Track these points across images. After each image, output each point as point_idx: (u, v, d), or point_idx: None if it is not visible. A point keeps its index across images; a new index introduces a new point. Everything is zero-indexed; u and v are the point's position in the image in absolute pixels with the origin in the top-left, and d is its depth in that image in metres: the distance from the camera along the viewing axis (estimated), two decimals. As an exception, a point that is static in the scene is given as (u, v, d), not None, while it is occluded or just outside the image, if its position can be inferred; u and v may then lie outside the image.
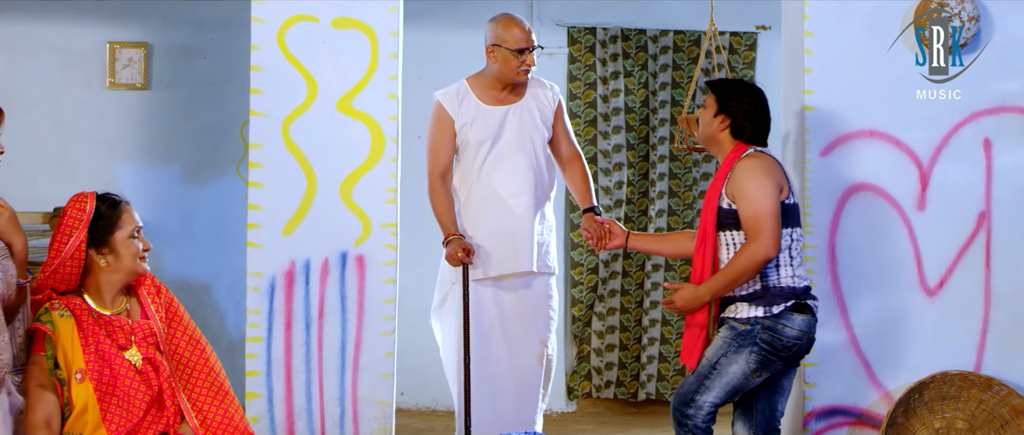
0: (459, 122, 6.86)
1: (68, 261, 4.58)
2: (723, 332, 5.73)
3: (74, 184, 8.79)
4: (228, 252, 9.11)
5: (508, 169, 6.78)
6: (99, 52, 9.47)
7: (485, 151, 6.82)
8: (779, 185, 5.67)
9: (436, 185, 6.93)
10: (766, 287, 5.69)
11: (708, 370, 5.69)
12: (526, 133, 6.81)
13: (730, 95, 5.84)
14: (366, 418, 6.99)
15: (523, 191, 6.79)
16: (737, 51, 9.76)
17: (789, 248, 5.72)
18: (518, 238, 6.79)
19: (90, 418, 4.52)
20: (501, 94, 6.88)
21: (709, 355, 5.71)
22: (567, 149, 7.02)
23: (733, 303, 5.74)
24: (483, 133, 6.80)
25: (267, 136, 6.96)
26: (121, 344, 4.63)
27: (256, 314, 6.95)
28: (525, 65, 6.75)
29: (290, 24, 6.96)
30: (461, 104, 6.88)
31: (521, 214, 6.78)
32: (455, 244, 6.73)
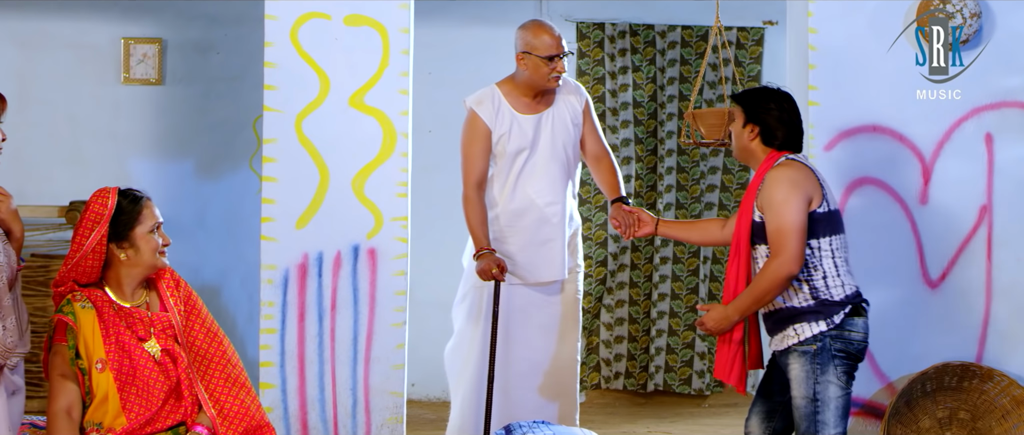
0: (496, 133, 6.74)
1: (90, 255, 4.67)
2: (797, 362, 5.50)
3: (89, 178, 8.93)
4: (241, 245, 9.20)
5: (544, 178, 6.69)
6: (113, 48, 9.51)
7: (521, 161, 6.71)
8: (808, 195, 5.47)
9: (471, 195, 6.79)
10: (820, 301, 5.49)
11: (811, 406, 5.47)
12: (559, 140, 6.72)
13: (756, 103, 5.69)
14: (378, 408, 7.07)
15: (558, 199, 6.72)
16: (744, 46, 9.81)
17: (833, 257, 5.52)
18: (553, 247, 6.72)
19: (110, 407, 4.62)
20: (533, 101, 6.76)
21: (802, 392, 5.48)
22: (596, 147, 6.91)
23: (788, 325, 5.54)
24: (519, 143, 6.70)
25: (281, 131, 7.03)
26: (140, 335, 4.72)
27: (270, 306, 7.03)
28: (556, 71, 6.65)
29: (303, 21, 7.04)
30: (497, 113, 6.75)
31: (557, 222, 6.72)
32: (489, 259, 6.60)
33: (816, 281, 5.48)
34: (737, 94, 5.80)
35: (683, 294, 9.80)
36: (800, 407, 5.47)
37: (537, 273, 6.70)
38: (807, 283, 5.48)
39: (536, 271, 6.70)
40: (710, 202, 9.72)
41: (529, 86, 6.70)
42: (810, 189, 5.48)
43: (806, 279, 5.48)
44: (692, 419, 9.03)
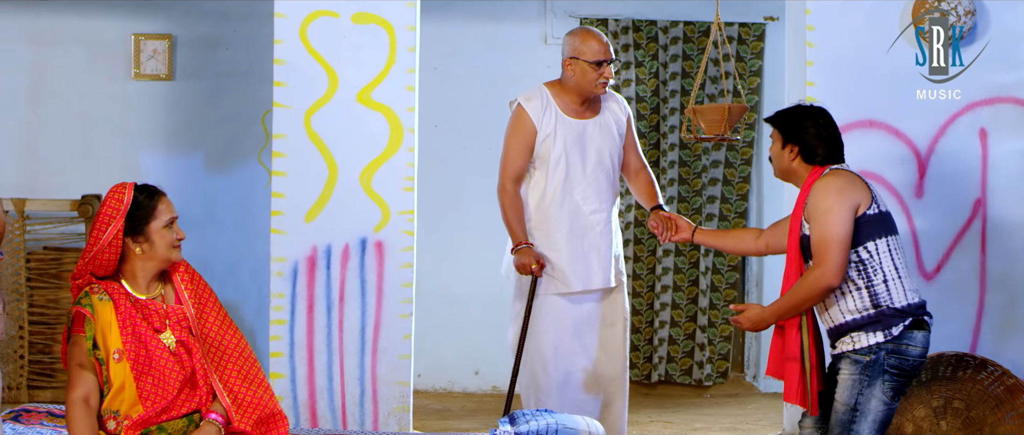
0: (542, 133, 6.63)
1: (106, 248, 4.75)
2: (847, 369, 5.40)
3: (100, 172, 9.05)
4: (250, 238, 9.31)
5: (590, 185, 6.61)
6: (124, 44, 9.60)
7: (566, 166, 6.61)
8: (854, 203, 5.36)
9: (508, 187, 6.69)
10: (880, 310, 5.35)
11: (849, 415, 5.38)
12: (606, 149, 6.65)
13: (793, 123, 5.57)
14: (385, 398, 7.16)
15: (603, 207, 6.65)
16: (746, 42, 9.88)
17: (892, 258, 5.40)
18: (598, 254, 6.63)
19: (127, 396, 4.71)
20: (580, 107, 6.66)
21: (844, 399, 5.38)
22: (636, 160, 6.86)
23: (847, 334, 5.42)
24: (565, 146, 6.60)
25: (290, 127, 7.13)
26: (156, 327, 4.81)
27: (280, 298, 7.13)
28: (603, 77, 6.54)
29: (311, 19, 7.13)
30: (544, 113, 6.64)
31: (601, 231, 6.63)
32: (527, 254, 6.53)
33: (877, 285, 5.36)
34: (772, 117, 5.69)
35: (685, 286, 9.90)
36: (838, 411, 5.39)
37: (581, 281, 6.59)
38: (867, 288, 5.37)
39: (580, 279, 6.59)
40: (712, 196, 9.81)
41: (576, 92, 6.61)
42: (857, 195, 5.38)
43: (867, 284, 5.37)
44: (694, 409, 9.10)
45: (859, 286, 5.35)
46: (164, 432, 4.77)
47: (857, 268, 5.35)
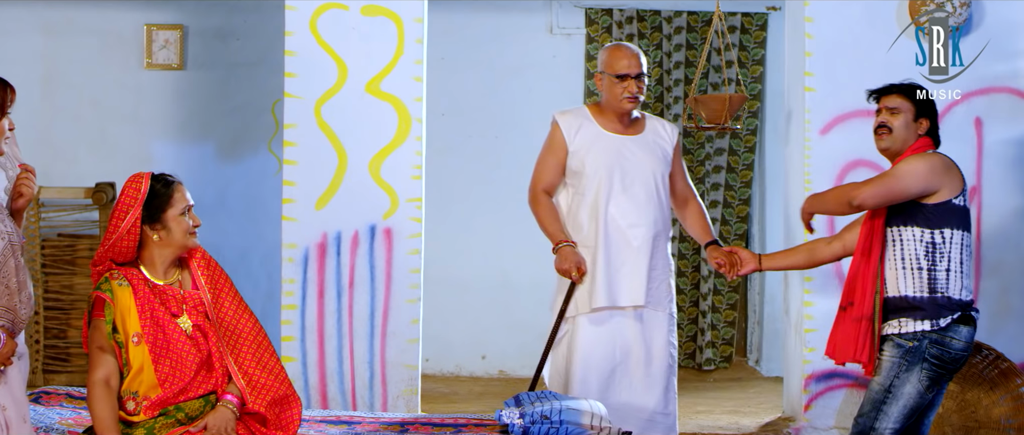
0: (573, 147, 6.46)
1: (125, 236, 4.85)
2: (889, 350, 5.46)
3: (113, 161, 9.15)
4: (260, 225, 9.38)
5: (627, 199, 6.39)
6: (136, 34, 9.66)
7: (602, 179, 6.40)
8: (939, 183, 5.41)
9: (538, 195, 6.59)
10: (934, 297, 5.41)
11: (883, 395, 5.43)
12: (646, 166, 6.42)
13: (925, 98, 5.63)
14: (394, 380, 7.26)
15: (641, 222, 6.40)
16: (748, 31, 9.98)
17: (961, 252, 5.44)
18: (634, 270, 6.39)
19: (146, 377, 4.81)
20: (619, 124, 6.48)
21: (880, 379, 5.45)
22: (684, 188, 6.66)
23: (896, 317, 5.47)
24: (602, 160, 6.41)
25: (300, 117, 7.22)
26: (173, 311, 4.90)
27: (291, 283, 7.22)
28: (627, 91, 6.36)
29: (322, 11, 7.21)
30: (579, 130, 6.48)
31: (638, 246, 6.38)
32: (567, 256, 6.37)
33: (939, 272, 5.40)
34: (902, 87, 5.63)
35: (688, 272, 10.02)
36: (872, 390, 5.45)
37: (615, 295, 6.37)
38: (929, 272, 5.41)
39: (614, 294, 6.37)
40: (716, 183, 9.92)
41: (609, 107, 6.47)
42: (949, 180, 5.41)
43: (930, 267, 5.41)
44: (696, 393, 9.17)
45: (923, 267, 5.40)
46: (181, 412, 4.86)
47: (927, 249, 5.40)
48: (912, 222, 5.43)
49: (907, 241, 5.43)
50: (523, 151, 9.94)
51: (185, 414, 4.88)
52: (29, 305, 4.63)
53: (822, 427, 7.31)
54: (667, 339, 6.47)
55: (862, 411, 5.49)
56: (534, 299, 9.97)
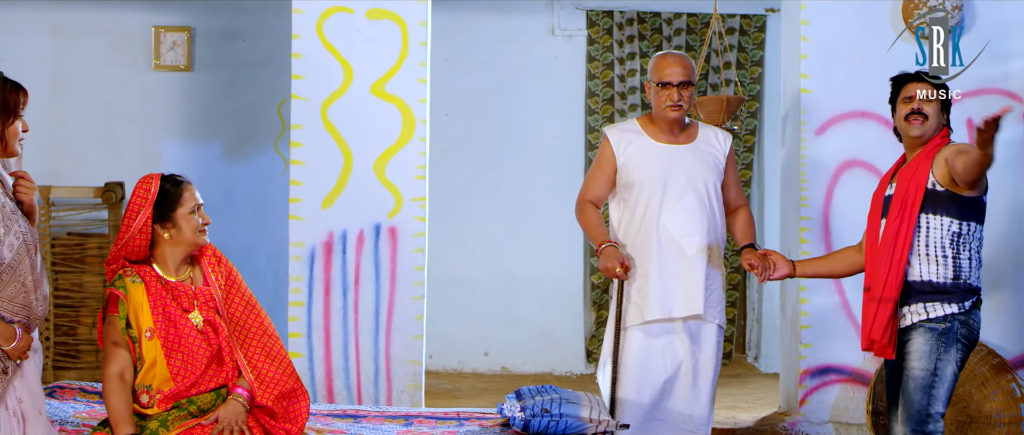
0: (622, 161, 6.30)
1: (137, 235, 4.98)
2: (924, 337, 5.46)
3: (122, 160, 9.25)
4: (267, 223, 9.45)
5: (680, 209, 6.21)
6: (144, 35, 9.72)
7: (653, 189, 6.23)
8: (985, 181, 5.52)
9: (583, 204, 6.39)
10: (957, 283, 5.47)
11: (930, 379, 5.43)
12: (698, 174, 6.25)
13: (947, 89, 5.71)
14: (398, 376, 7.36)
15: (694, 231, 6.21)
16: (747, 33, 10.09)
17: (980, 245, 5.55)
18: (689, 280, 6.21)
19: (159, 371, 4.95)
20: (670, 134, 6.30)
21: (923, 365, 5.43)
22: (735, 196, 6.44)
23: (919, 302, 5.50)
24: (652, 171, 6.24)
25: (307, 118, 7.33)
26: (185, 307, 5.04)
27: (298, 281, 7.33)
28: (670, 99, 6.17)
29: (328, 15, 7.32)
30: (628, 143, 6.32)
31: (692, 255, 6.20)
32: (610, 254, 6.16)
33: (962, 260, 5.47)
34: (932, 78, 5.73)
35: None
36: (917, 378, 5.44)
37: (669, 306, 6.20)
38: (954, 259, 5.47)
39: (669, 304, 6.20)
40: (715, 182, 10.04)
41: (657, 117, 6.30)
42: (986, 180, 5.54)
43: (955, 255, 5.47)
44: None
45: (948, 255, 5.45)
46: (194, 405, 5.00)
47: (952, 237, 5.46)
48: (943, 212, 5.46)
49: (933, 229, 5.46)
50: (525, 150, 10.13)
51: (197, 407, 5.02)
52: (44, 303, 4.77)
53: (817, 421, 7.43)
54: (716, 351, 6.31)
55: (913, 401, 5.45)
56: (536, 297, 10.18)
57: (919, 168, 5.51)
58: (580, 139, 10.31)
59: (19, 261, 4.60)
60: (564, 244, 10.33)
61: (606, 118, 10.15)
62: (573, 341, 10.36)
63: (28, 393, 4.70)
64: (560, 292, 10.37)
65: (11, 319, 4.60)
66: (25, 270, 4.61)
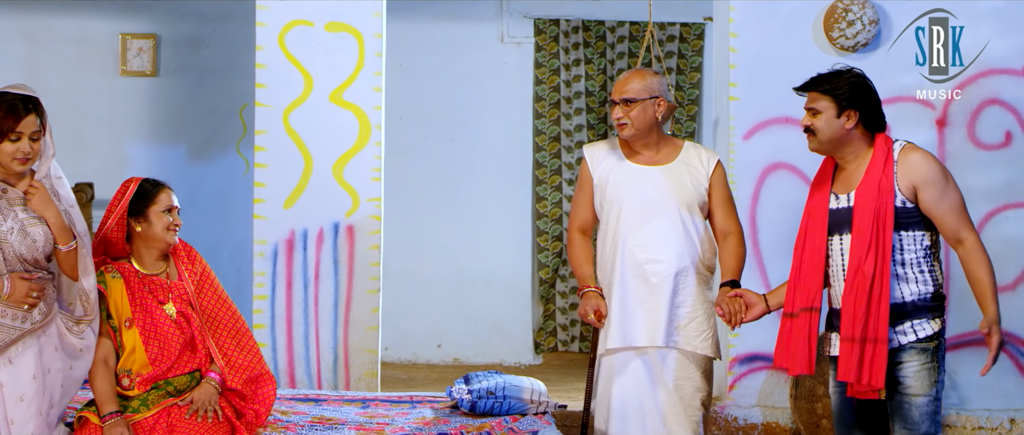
0: (597, 178, 5.97)
1: (114, 227, 5.41)
2: (917, 359, 5.04)
3: (91, 162, 9.48)
4: (230, 222, 9.71)
5: (647, 232, 5.81)
6: (112, 42, 10.02)
7: (621, 210, 5.87)
8: None
9: (573, 238, 6.07)
10: (936, 294, 5.08)
11: (933, 405, 5.06)
12: (671, 196, 5.83)
13: (848, 88, 5.13)
14: (356, 364, 7.60)
15: (662, 256, 5.80)
16: (687, 40, 10.44)
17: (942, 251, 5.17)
18: (652, 308, 5.80)
19: (137, 357, 5.36)
20: (646, 154, 5.94)
21: (924, 389, 5.03)
22: (724, 223, 5.97)
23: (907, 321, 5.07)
24: (622, 191, 5.89)
25: (270, 124, 7.56)
26: (160, 300, 5.45)
27: (261, 276, 7.57)
28: (614, 118, 5.88)
29: (289, 28, 7.56)
30: (603, 159, 5.99)
31: (657, 284, 5.79)
32: (585, 300, 5.88)
33: (936, 272, 5.09)
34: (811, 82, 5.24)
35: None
36: (921, 405, 5.05)
37: (627, 335, 5.81)
38: (931, 273, 5.07)
39: (627, 333, 5.81)
40: (657, 182, 10.37)
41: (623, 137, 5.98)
42: None
43: (930, 269, 5.08)
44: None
45: (924, 269, 5.06)
46: (171, 385, 5.41)
47: (926, 251, 5.09)
48: (915, 227, 5.06)
49: (908, 247, 5.07)
50: (476, 152, 10.36)
51: (174, 388, 5.43)
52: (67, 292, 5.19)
53: (745, 405, 7.72)
54: (697, 384, 5.86)
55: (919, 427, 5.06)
56: (487, 291, 10.45)
57: (882, 187, 5.03)
58: (528, 141, 10.56)
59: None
60: (513, 241, 10.59)
61: (552, 121, 10.44)
62: (522, 334, 10.60)
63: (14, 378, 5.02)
64: (509, 287, 10.59)
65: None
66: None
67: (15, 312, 4.98)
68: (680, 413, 5.83)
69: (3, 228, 4.97)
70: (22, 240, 5.01)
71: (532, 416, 6.00)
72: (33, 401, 5.02)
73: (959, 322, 7.49)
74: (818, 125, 5.16)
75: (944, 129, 7.58)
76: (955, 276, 7.47)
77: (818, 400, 7.44)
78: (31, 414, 5.03)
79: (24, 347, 5.01)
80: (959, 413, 7.68)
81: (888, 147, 5.09)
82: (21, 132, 5.00)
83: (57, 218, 5.05)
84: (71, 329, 5.15)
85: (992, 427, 7.67)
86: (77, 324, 5.17)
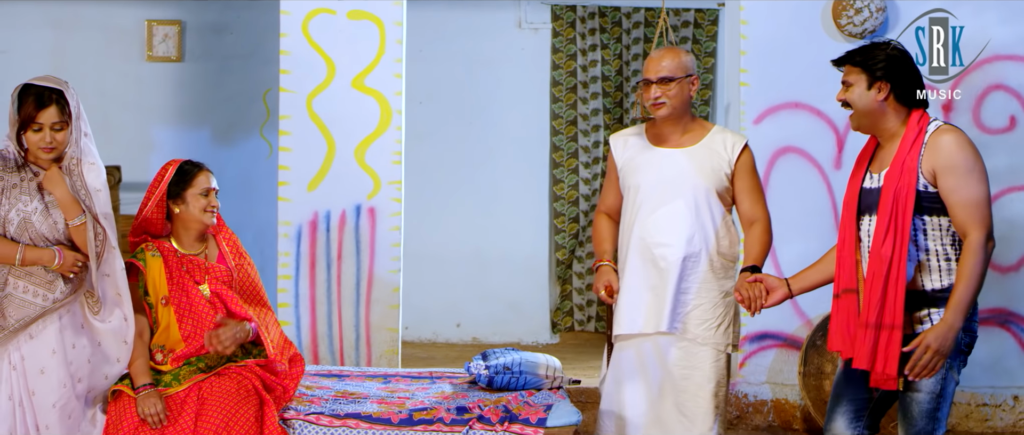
0: (621, 163, 5.87)
1: (154, 207, 5.60)
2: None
3: (118, 146, 9.46)
4: (253, 204, 9.67)
5: (661, 216, 5.67)
6: (138, 28, 10.09)
7: (636, 195, 5.77)
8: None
9: (597, 218, 6.01)
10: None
11: (934, 403, 4.79)
12: (688, 179, 5.64)
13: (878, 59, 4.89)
14: (377, 342, 7.71)
15: (671, 241, 5.66)
16: (701, 26, 10.51)
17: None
18: (656, 295, 5.68)
19: (171, 334, 5.54)
20: (671, 137, 5.78)
21: (929, 386, 4.76)
22: (749, 209, 5.78)
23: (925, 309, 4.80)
24: (641, 175, 5.76)
25: (294, 109, 7.67)
26: (197, 280, 5.62)
27: (286, 256, 7.69)
28: (650, 97, 5.66)
29: (312, 16, 7.67)
30: (627, 145, 5.88)
31: (666, 268, 5.66)
32: (600, 274, 5.80)
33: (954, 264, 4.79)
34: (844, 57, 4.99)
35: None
36: (921, 402, 4.81)
37: (632, 321, 5.72)
38: (956, 261, 4.77)
39: (633, 319, 5.71)
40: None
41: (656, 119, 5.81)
42: None
43: (957, 256, 4.78)
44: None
45: (950, 257, 4.79)
46: (202, 362, 5.58)
47: (953, 238, 4.80)
48: (940, 213, 4.78)
49: (932, 231, 4.79)
50: (494, 136, 10.41)
51: (205, 364, 5.60)
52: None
53: (755, 382, 7.85)
54: (706, 374, 5.70)
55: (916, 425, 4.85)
56: (505, 272, 10.53)
57: (905, 167, 4.77)
58: (545, 125, 10.63)
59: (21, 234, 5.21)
60: (531, 223, 10.67)
61: (569, 106, 10.52)
62: (539, 313, 10.68)
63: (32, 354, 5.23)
64: (527, 268, 10.67)
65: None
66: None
67: (36, 289, 5.20)
68: (685, 403, 5.70)
69: (28, 208, 5.20)
70: (44, 220, 5.23)
71: (547, 391, 6.16)
72: (53, 373, 5.23)
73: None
74: (851, 98, 4.92)
75: (949, 114, 7.66)
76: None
77: (826, 377, 7.54)
78: (52, 385, 5.23)
79: (45, 323, 5.24)
80: (964, 390, 7.79)
81: (921, 126, 4.80)
82: (42, 123, 5.20)
83: (64, 194, 5.24)
84: (92, 308, 5.33)
85: (996, 404, 7.81)
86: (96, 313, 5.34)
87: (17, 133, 5.23)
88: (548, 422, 5.76)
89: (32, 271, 5.22)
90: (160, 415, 5.38)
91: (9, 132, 5.24)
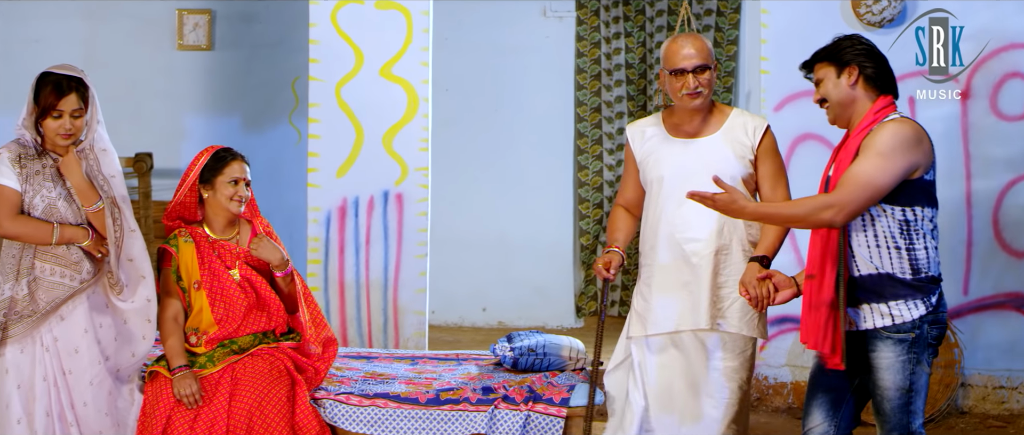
0: (640, 156, 5.63)
1: (187, 192, 5.75)
2: (891, 350, 4.77)
3: (149, 133, 9.67)
4: (282, 190, 9.78)
5: (688, 210, 5.35)
6: (169, 18, 10.20)
7: (660, 188, 5.51)
8: (913, 163, 4.70)
9: (614, 209, 5.81)
10: (918, 278, 4.75)
11: (905, 397, 4.77)
12: (711, 168, 5.25)
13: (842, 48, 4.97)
14: (404, 325, 7.82)
15: (701, 235, 5.44)
16: (724, 13, 10.60)
17: (932, 230, 4.80)
18: (692, 292, 5.45)
19: (204, 317, 5.71)
20: (690, 125, 5.53)
21: (896, 383, 4.75)
22: (768, 194, 5.55)
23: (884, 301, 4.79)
24: (662, 168, 5.52)
25: (323, 97, 7.78)
26: (227, 264, 5.77)
27: (315, 241, 7.81)
28: (686, 88, 5.39)
29: (341, 5, 7.78)
30: (645, 136, 5.62)
31: (698, 263, 5.43)
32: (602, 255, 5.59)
33: (918, 251, 4.75)
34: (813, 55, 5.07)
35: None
36: (891, 398, 4.79)
37: (667, 319, 5.49)
38: (909, 251, 4.75)
39: (666, 318, 5.49)
40: (694, 152, 10.59)
41: (678, 108, 5.54)
42: (920, 157, 4.73)
43: (909, 247, 4.75)
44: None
45: (900, 246, 4.76)
46: (235, 344, 5.74)
47: (901, 227, 4.76)
48: (887, 199, 4.74)
49: (879, 218, 4.78)
50: (519, 123, 10.54)
51: (238, 346, 5.76)
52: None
53: (775, 365, 7.95)
54: (734, 367, 5.50)
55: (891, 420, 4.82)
56: (530, 257, 10.67)
57: (848, 151, 4.83)
58: (569, 112, 10.75)
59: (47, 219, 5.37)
60: (555, 208, 10.79)
61: (593, 93, 10.65)
62: (564, 297, 10.81)
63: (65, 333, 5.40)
64: (551, 253, 10.79)
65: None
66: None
67: (64, 270, 5.37)
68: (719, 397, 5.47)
69: (52, 194, 5.35)
70: (68, 206, 5.40)
71: (570, 372, 6.34)
72: (86, 352, 5.40)
73: (980, 285, 7.77)
74: (826, 91, 4.94)
75: (967, 101, 7.73)
76: (977, 242, 7.81)
77: (845, 360, 7.63)
78: (86, 364, 5.40)
79: (75, 304, 5.40)
80: (981, 373, 7.88)
81: (878, 117, 4.82)
82: (62, 110, 5.33)
83: (80, 181, 5.38)
84: (113, 289, 5.47)
85: (1012, 386, 7.89)
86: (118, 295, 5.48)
87: (36, 120, 5.35)
88: (571, 402, 5.93)
89: (58, 254, 5.38)
90: (195, 396, 5.55)
91: (27, 120, 5.36)
